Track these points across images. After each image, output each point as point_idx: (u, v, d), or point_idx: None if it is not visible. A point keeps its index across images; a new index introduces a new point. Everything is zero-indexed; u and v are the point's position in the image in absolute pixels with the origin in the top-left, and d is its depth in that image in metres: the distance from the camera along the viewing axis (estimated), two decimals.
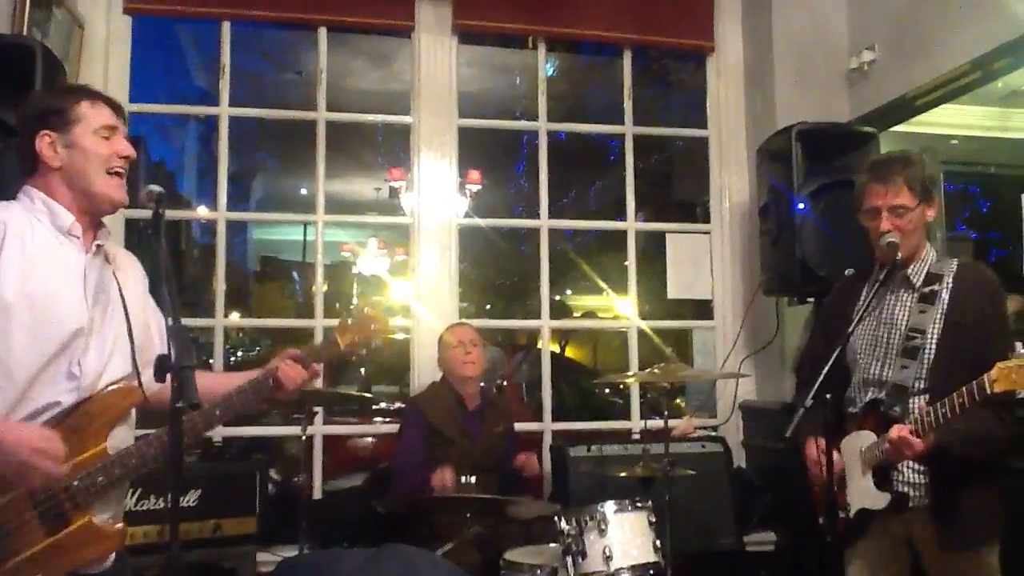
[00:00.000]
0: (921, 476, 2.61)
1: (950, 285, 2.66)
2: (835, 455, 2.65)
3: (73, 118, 2.18)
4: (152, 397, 2.18)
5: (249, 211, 11.57)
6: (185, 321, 2.13)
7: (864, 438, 2.68)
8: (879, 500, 2.63)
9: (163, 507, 3.38)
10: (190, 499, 3.54)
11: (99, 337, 2.16)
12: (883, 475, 2.63)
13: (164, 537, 3.36)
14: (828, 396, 2.42)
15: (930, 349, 2.61)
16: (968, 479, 2.55)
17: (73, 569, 2.10)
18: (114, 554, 2.19)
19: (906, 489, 2.62)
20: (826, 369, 2.42)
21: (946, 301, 2.63)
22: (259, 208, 12.28)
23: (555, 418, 4.78)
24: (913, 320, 2.66)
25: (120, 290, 2.21)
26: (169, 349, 1.80)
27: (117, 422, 2.17)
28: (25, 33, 3.47)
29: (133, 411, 2.25)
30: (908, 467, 2.62)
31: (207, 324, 4.50)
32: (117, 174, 2.21)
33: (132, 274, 2.34)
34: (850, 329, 2.61)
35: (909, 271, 2.72)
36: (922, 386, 2.61)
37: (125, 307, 2.19)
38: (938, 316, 2.63)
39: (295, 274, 13.01)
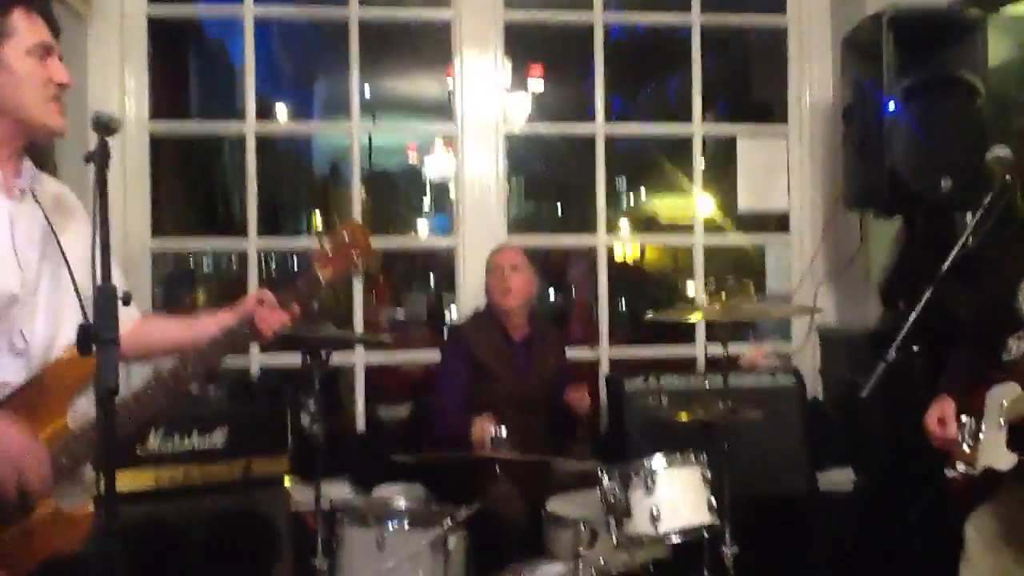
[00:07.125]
0: None
1: None
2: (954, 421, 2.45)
3: (3, 31, 1.84)
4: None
5: (313, 116, 11.37)
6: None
7: (1010, 390, 2.39)
8: (1005, 460, 2.36)
9: (188, 446, 3.23)
10: (216, 439, 3.36)
11: (45, 299, 1.88)
12: (1020, 434, 2.33)
13: (190, 480, 3.25)
14: (915, 348, 2.06)
15: None
16: None
17: (42, 560, 1.85)
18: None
19: None
20: (912, 317, 2.05)
21: None
22: (324, 112, 12.06)
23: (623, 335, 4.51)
24: None
25: (57, 238, 1.91)
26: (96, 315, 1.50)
27: (76, 393, 1.90)
28: None
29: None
30: None
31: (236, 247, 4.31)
32: (55, 100, 1.88)
33: (73, 216, 2.03)
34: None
35: None
36: None
37: (66, 258, 1.88)
38: None
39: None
